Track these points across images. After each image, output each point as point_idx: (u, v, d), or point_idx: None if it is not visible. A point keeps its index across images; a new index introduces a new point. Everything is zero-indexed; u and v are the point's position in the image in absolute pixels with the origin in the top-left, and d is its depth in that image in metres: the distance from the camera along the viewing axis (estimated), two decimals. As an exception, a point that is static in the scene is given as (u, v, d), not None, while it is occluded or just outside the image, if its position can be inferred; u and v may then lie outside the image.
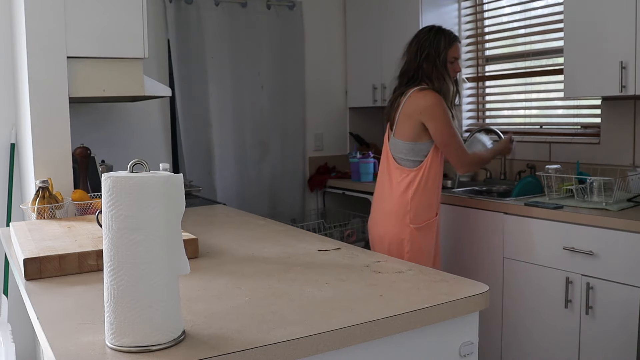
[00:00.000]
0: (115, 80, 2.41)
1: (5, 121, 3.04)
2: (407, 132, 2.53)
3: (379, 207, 2.64)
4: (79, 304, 1.35)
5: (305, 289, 1.42)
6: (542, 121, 3.42)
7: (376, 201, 2.68)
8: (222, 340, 1.10)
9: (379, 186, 2.67)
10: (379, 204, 2.65)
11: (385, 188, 2.61)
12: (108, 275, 1.06)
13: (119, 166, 1.54)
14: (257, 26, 3.87)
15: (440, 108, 2.49)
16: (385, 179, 2.62)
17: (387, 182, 2.60)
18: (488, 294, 1.39)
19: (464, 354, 1.36)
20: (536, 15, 3.34)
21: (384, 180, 2.63)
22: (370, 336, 1.21)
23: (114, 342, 1.06)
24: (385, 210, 2.58)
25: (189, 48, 3.65)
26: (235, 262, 1.73)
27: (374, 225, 2.65)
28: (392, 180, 2.58)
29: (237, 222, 2.43)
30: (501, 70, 3.63)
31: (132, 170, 1.09)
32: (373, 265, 1.63)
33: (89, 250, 1.61)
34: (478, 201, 2.91)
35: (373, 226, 2.65)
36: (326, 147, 4.24)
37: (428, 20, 3.60)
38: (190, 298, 1.35)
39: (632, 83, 2.48)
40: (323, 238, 2.09)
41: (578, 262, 2.46)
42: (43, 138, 2.31)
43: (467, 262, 2.97)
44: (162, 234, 1.05)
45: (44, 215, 2.16)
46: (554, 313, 2.57)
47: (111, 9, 2.36)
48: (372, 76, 3.99)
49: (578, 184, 2.69)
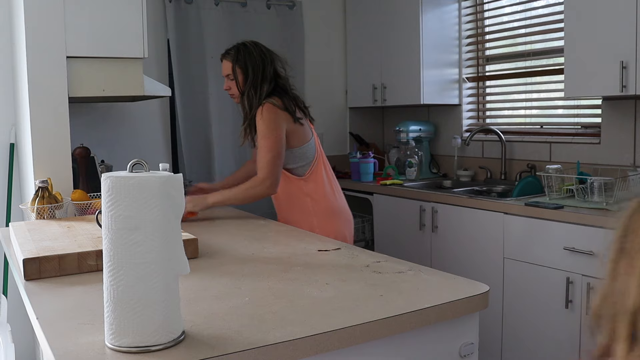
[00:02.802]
0: (114, 80, 2.41)
1: (4, 121, 3.04)
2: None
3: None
4: (79, 304, 1.34)
5: (305, 289, 1.42)
6: (542, 121, 3.42)
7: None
8: (222, 340, 1.10)
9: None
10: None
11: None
12: (108, 275, 1.05)
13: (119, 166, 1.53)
14: (257, 26, 3.86)
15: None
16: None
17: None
18: (488, 294, 1.39)
19: (464, 354, 1.36)
20: (536, 15, 3.34)
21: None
22: (370, 336, 1.20)
23: (114, 342, 1.05)
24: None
25: (189, 48, 3.65)
26: (235, 262, 1.72)
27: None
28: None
29: (237, 222, 2.43)
30: (501, 70, 3.63)
31: (132, 170, 1.08)
32: (373, 266, 1.63)
33: (89, 251, 1.61)
34: (478, 201, 2.91)
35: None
36: (326, 147, 4.22)
37: (428, 20, 3.61)
38: (190, 298, 1.35)
39: (632, 83, 2.48)
40: (323, 238, 2.08)
41: (579, 262, 2.46)
42: (42, 138, 2.31)
43: (467, 262, 2.97)
44: (162, 234, 1.05)
45: (44, 215, 2.15)
46: (555, 313, 2.57)
47: (111, 9, 2.36)
48: (372, 76, 3.99)
49: (578, 184, 2.69)
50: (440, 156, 3.93)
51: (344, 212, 2.60)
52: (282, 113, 2.41)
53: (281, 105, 2.42)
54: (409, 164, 3.71)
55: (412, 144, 3.78)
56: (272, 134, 2.38)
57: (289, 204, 2.54)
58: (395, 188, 3.43)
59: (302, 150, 2.49)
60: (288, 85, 2.54)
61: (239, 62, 2.48)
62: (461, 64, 3.76)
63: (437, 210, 3.13)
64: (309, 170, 2.50)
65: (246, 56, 2.48)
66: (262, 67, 2.47)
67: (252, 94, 2.46)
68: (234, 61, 2.49)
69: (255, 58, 2.48)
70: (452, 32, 3.73)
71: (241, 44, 2.54)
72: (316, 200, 2.50)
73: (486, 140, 3.60)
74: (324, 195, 2.53)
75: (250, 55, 2.49)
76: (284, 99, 2.45)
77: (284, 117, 2.42)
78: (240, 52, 2.50)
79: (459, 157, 3.73)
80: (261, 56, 2.50)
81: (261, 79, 2.46)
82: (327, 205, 2.52)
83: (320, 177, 2.54)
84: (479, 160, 3.65)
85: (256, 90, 2.45)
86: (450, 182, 3.65)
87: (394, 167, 3.79)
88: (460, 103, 3.79)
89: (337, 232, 2.49)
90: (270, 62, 2.50)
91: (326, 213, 2.51)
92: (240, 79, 2.49)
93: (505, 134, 3.45)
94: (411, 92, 3.68)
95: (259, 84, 2.46)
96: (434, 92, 3.67)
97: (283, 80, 2.53)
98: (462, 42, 3.76)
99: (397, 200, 3.40)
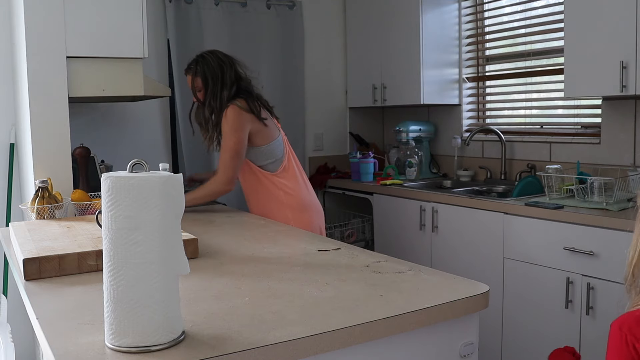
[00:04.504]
0: (114, 80, 2.41)
1: (4, 121, 3.04)
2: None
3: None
4: (79, 304, 1.34)
5: (305, 289, 1.42)
6: (542, 121, 3.42)
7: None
8: (222, 340, 1.10)
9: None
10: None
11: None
12: (108, 275, 1.05)
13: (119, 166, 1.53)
14: (257, 26, 3.86)
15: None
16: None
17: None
18: (488, 294, 1.39)
19: (464, 355, 1.36)
20: (536, 15, 3.34)
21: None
22: (370, 336, 1.20)
23: (114, 342, 1.05)
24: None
25: (189, 48, 3.64)
26: (235, 262, 1.72)
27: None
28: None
29: (237, 222, 2.43)
30: (501, 70, 3.63)
31: (132, 170, 1.08)
32: (373, 266, 1.63)
33: (89, 251, 1.61)
34: (478, 201, 2.91)
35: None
36: (326, 147, 4.24)
37: (428, 20, 3.61)
38: (190, 298, 1.35)
39: (632, 83, 2.48)
40: (323, 238, 2.08)
41: (578, 262, 2.46)
42: (42, 138, 2.31)
43: (467, 262, 2.97)
44: (162, 234, 1.05)
45: (44, 215, 2.15)
46: (555, 313, 2.57)
47: (111, 9, 2.36)
48: (372, 76, 3.99)
49: (578, 184, 2.69)
50: (440, 156, 3.93)
51: (315, 204, 2.73)
52: (246, 115, 2.54)
53: (245, 106, 2.55)
54: (409, 164, 3.71)
55: (412, 144, 3.78)
56: (234, 135, 2.52)
57: (263, 199, 2.65)
58: (395, 188, 3.43)
59: (269, 148, 2.61)
60: (251, 86, 2.67)
61: (198, 73, 2.62)
62: (461, 64, 3.76)
63: (437, 210, 3.13)
64: (280, 167, 2.64)
65: (204, 67, 2.61)
66: (220, 74, 2.59)
67: (212, 103, 2.59)
68: (194, 74, 2.63)
69: (213, 67, 2.61)
70: (452, 32, 3.73)
71: (199, 55, 2.67)
72: (289, 195, 2.63)
73: (486, 140, 3.60)
74: (297, 190, 2.66)
75: (208, 65, 2.61)
76: (247, 100, 2.57)
77: (248, 118, 2.55)
78: (198, 64, 2.63)
79: (459, 157, 3.73)
80: (219, 63, 2.62)
81: (221, 86, 2.59)
82: (300, 199, 2.65)
83: (292, 173, 2.67)
84: (479, 160, 3.65)
85: (216, 98, 2.58)
86: (450, 182, 3.64)
87: (394, 167, 3.79)
88: (460, 103, 3.79)
89: (312, 223, 2.65)
90: (230, 66, 2.63)
91: (299, 206, 2.64)
92: (202, 90, 2.62)
93: (505, 134, 3.45)
94: (411, 92, 3.68)
95: (219, 91, 2.58)
96: (434, 92, 3.67)
97: (245, 82, 2.65)
98: (462, 42, 3.76)
99: (397, 200, 3.40)
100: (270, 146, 2.60)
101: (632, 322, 1.19)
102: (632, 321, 1.20)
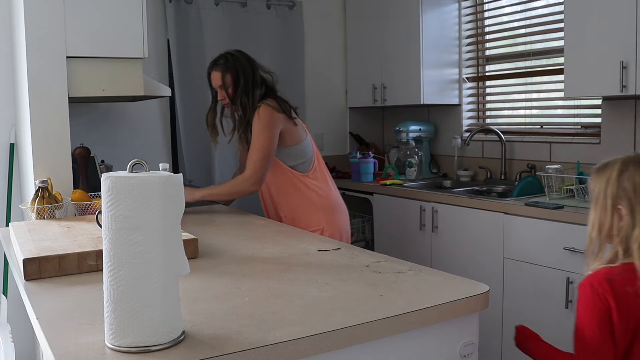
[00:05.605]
0: (114, 80, 2.41)
1: (4, 121, 3.04)
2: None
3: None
4: (79, 304, 1.34)
5: (305, 289, 1.42)
6: (542, 121, 3.42)
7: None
8: (222, 340, 1.10)
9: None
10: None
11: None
12: (108, 275, 1.05)
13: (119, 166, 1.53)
14: (257, 26, 3.86)
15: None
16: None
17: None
18: (488, 294, 1.39)
19: (464, 354, 1.36)
20: (536, 15, 3.34)
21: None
22: (370, 336, 1.20)
23: (114, 342, 1.05)
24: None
25: (189, 48, 3.65)
26: (235, 262, 1.72)
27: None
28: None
29: (237, 222, 2.43)
30: (501, 70, 3.63)
31: (132, 170, 1.08)
32: (373, 266, 1.63)
33: (89, 251, 1.61)
34: (478, 201, 2.91)
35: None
36: (326, 147, 4.24)
37: (428, 20, 3.61)
38: (190, 298, 1.35)
39: (632, 83, 2.48)
40: (323, 238, 2.08)
41: (579, 262, 2.45)
42: (42, 138, 2.31)
43: (467, 262, 2.97)
44: (162, 234, 1.05)
45: (44, 215, 2.15)
46: (555, 313, 2.57)
47: (111, 9, 2.36)
48: (372, 76, 3.99)
49: (578, 184, 2.69)
50: (440, 156, 3.93)
51: (343, 205, 2.71)
52: (278, 114, 2.50)
53: (276, 106, 2.50)
54: (409, 164, 3.71)
55: (412, 144, 3.78)
56: (266, 134, 2.46)
57: (294, 200, 2.60)
58: (395, 188, 3.43)
59: (299, 148, 2.57)
60: (275, 88, 2.63)
61: (229, 70, 2.54)
62: (461, 64, 3.76)
63: (437, 210, 3.13)
64: (311, 168, 2.60)
65: (235, 63, 2.54)
66: (252, 72, 2.55)
67: (245, 100, 2.52)
68: (223, 70, 2.55)
69: (244, 64, 2.55)
70: (452, 32, 3.73)
71: (227, 53, 2.61)
72: (321, 196, 2.59)
73: (486, 140, 3.60)
74: (327, 191, 2.63)
75: (239, 62, 2.55)
76: (277, 100, 2.54)
77: (280, 117, 2.51)
78: (229, 60, 2.56)
79: (459, 157, 3.73)
80: (249, 62, 2.57)
81: (252, 84, 2.53)
82: (330, 200, 2.62)
83: (322, 174, 2.64)
84: (479, 160, 3.65)
85: (249, 96, 2.52)
86: (450, 182, 3.65)
87: (394, 167, 3.79)
88: (460, 103, 3.79)
89: (343, 226, 2.63)
90: (256, 68, 2.59)
91: (330, 208, 2.61)
92: (231, 87, 2.54)
93: (505, 134, 3.45)
94: (411, 92, 3.68)
95: (251, 89, 2.52)
96: (434, 92, 3.67)
97: (270, 84, 2.61)
98: (462, 42, 3.76)
99: (397, 200, 3.40)
100: (301, 146, 2.58)
101: (601, 278, 1.37)
102: (600, 277, 1.37)
